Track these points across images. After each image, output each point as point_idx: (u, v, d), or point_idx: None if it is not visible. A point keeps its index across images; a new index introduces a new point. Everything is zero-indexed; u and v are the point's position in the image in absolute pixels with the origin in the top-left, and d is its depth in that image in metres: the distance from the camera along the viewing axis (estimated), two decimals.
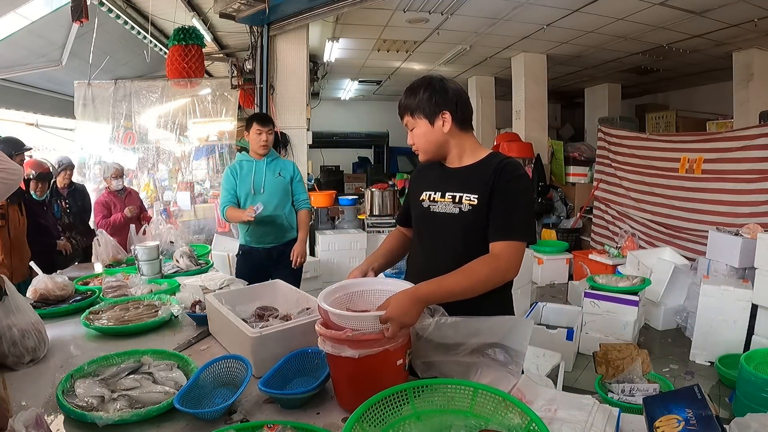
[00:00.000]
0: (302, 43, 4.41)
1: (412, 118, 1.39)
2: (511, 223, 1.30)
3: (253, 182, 2.87)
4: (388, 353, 1.12)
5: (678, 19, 4.87)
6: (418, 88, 1.37)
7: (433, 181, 1.47)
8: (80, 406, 1.15)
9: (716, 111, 7.34)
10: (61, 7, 3.47)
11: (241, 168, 2.91)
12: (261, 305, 1.74)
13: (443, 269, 1.27)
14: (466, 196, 1.36)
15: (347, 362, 1.10)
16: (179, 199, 5.16)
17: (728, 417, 2.57)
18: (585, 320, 3.62)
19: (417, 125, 1.39)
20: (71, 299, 2.03)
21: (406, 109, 1.40)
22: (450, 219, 1.38)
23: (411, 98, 1.38)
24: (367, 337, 1.11)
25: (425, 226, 1.47)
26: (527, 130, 6.83)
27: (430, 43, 5.93)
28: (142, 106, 4.72)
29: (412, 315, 1.13)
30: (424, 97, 1.36)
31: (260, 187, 2.86)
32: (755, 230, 3.37)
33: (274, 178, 2.90)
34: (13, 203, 2.88)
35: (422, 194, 1.47)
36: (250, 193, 2.85)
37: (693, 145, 4.85)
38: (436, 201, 1.42)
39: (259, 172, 2.88)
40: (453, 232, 1.39)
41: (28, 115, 5.51)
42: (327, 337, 1.14)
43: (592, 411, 1.11)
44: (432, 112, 1.36)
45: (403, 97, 1.41)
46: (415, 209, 1.51)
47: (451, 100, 1.37)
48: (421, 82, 1.39)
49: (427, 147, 1.41)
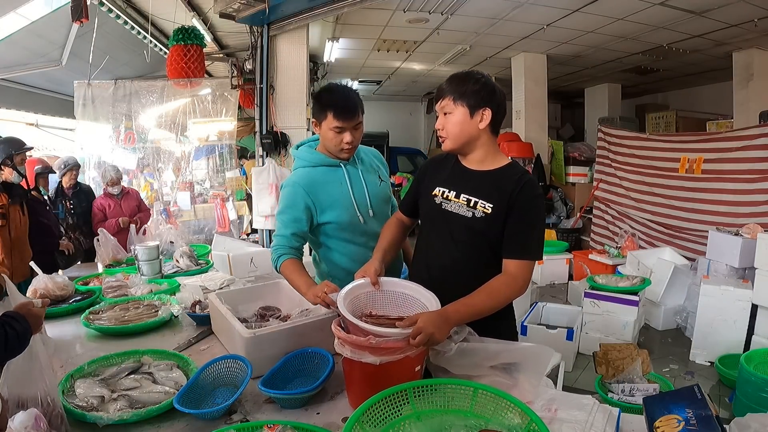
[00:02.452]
0: (302, 43, 4.41)
1: (453, 103, 1.37)
2: (530, 242, 1.34)
3: (354, 199, 1.71)
4: (408, 360, 1.12)
5: (678, 19, 4.87)
6: (469, 78, 1.37)
7: (448, 178, 1.45)
8: (80, 406, 1.15)
9: (716, 111, 7.34)
10: (61, 7, 3.46)
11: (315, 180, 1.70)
12: (264, 305, 1.74)
13: (448, 266, 1.33)
14: (482, 202, 1.36)
15: (365, 365, 1.09)
16: (179, 199, 5.16)
17: (728, 417, 2.57)
18: (585, 320, 3.62)
19: (455, 111, 1.37)
20: (71, 299, 2.03)
21: (449, 93, 1.38)
22: (461, 221, 1.38)
23: (459, 84, 1.37)
24: (390, 345, 1.10)
25: (435, 222, 1.46)
26: (527, 130, 6.83)
27: (430, 43, 5.93)
28: (142, 106, 4.72)
29: (442, 332, 1.16)
30: (473, 88, 1.35)
31: (367, 208, 1.74)
32: (755, 230, 3.37)
33: (378, 188, 1.80)
34: (15, 203, 2.88)
35: (435, 189, 1.46)
36: (351, 221, 1.71)
37: (693, 145, 4.85)
38: (450, 200, 1.41)
39: (357, 180, 1.75)
40: (460, 234, 1.39)
41: (28, 115, 5.51)
42: (347, 342, 1.12)
43: (592, 411, 1.11)
44: (476, 104, 1.35)
45: (447, 81, 1.40)
46: (425, 202, 1.50)
47: (496, 101, 1.37)
48: (472, 74, 1.39)
49: (457, 136, 1.39)
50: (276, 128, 4.28)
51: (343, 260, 1.74)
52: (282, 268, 1.63)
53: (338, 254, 1.75)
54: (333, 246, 1.75)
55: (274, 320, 1.58)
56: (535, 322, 3.39)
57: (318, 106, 1.64)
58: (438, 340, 1.14)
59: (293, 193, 1.67)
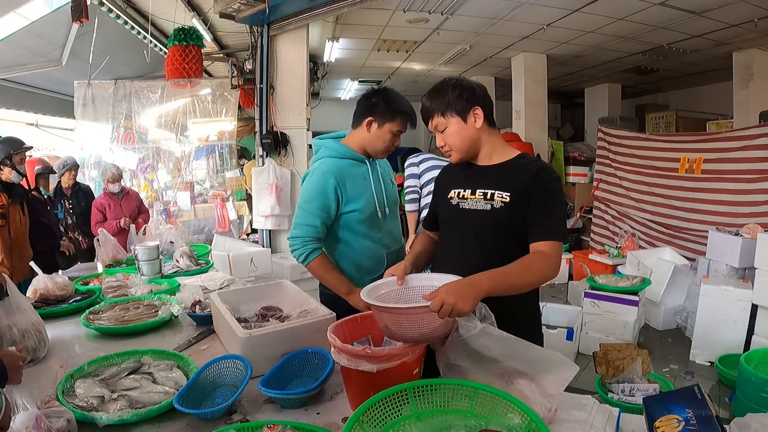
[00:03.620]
0: (302, 43, 4.41)
1: (444, 118, 1.38)
2: (554, 224, 1.32)
3: (375, 194, 1.78)
4: (405, 365, 1.11)
5: (678, 19, 4.87)
6: (446, 88, 1.37)
7: (462, 180, 1.46)
8: (80, 406, 1.15)
9: (716, 111, 7.34)
10: (61, 7, 3.46)
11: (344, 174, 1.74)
12: (266, 305, 1.74)
13: (472, 265, 1.24)
14: (498, 193, 1.36)
15: (363, 371, 1.09)
16: (179, 199, 5.16)
17: (728, 417, 2.57)
18: (585, 320, 3.62)
19: (449, 124, 1.38)
20: (71, 299, 2.03)
21: (434, 110, 1.38)
22: (481, 215, 1.38)
23: (440, 98, 1.37)
24: (386, 353, 1.09)
25: (455, 222, 1.45)
26: (527, 130, 6.82)
27: (430, 43, 5.93)
28: (142, 106, 4.73)
29: (468, 301, 1.07)
30: (454, 96, 1.35)
31: (384, 204, 1.82)
32: (755, 230, 3.37)
33: (391, 189, 1.92)
34: (15, 203, 2.87)
35: (450, 192, 1.46)
36: (372, 214, 1.77)
37: (693, 145, 4.85)
38: (466, 198, 1.41)
39: (377, 178, 1.83)
40: (483, 228, 1.38)
41: (28, 115, 5.51)
42: (343, 351, 1.12)
43: (592, 411, 1.11)
44: (464, 109, 1.36)
45: (428, 100, 1.40)
46: (443, 209, 1.50)
47: (480, 97, 1.37)
48: (446, 82, 1.39)
49: (461, 145, 1.39)
50: (276, 128, 4.28)
51: (356, 256, 1.77)
52: (315, 264, 1.65)
53: (352, 250, 1.77)
54: (350, 240, 1.77)
55: (274, 320, 1.57)
56: None
57: (388, 108, 1.71)
58: (462, 310, 1.05)
59: (324, 181, 1.68)
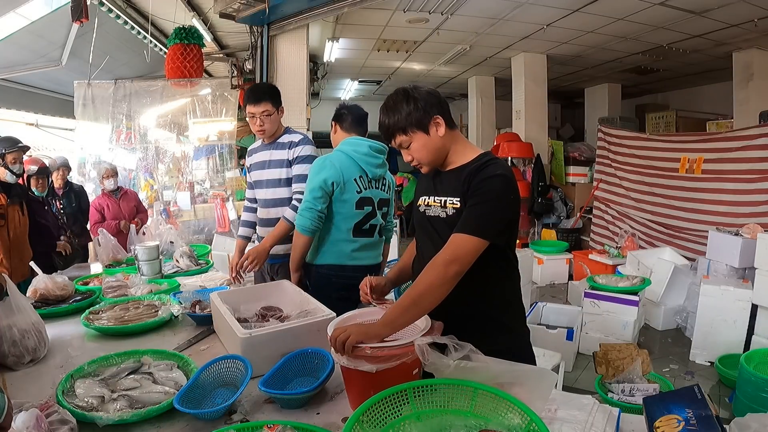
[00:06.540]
0: (302, 43, 4.41)
1: (406, 135, 1.34)
2: (473, 217, 1.26)
3: None
4: (405, 365, 1.11)
5: (678, 19, 4.87)
6: (399, 103, 1.33)
7: (427, 186, 1.46)
8: (80, 406, 1.15)
9: (716, 111, 7.35)
10: (61, 7, 3.46)
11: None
12: (266, 305, 1.74)
13: None
14: (450, 199, 1.35)
15: (363, 372, 1.09)
16: (179, 199, 5.16)
17: (728, 417, 2.57)
18: (585, 320, 3.62)
19: (413, 140, 1.34)
20: (71, 299, 2.03)
21: (395, 128, 1.34)
22: (440, 222, 1.38)
23: (396, 115, 1.33)
24: (386, 353, 1.10)
25: (423, 229, 1.47)
26: (527, 130, 6.83)
27: (430, 43, 5.93)
28: (142, 106, 4.72)
29: (360, 332, 1.14)
30: (409, 109, 1.31)
31: None
32: (755, 230, 3.37)
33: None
34: (14, 203, 2.85)
35: (419, 199, 1.48)
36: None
37: (693, 145, 4.85)
38: (430, 205, 1.42)
39: None
40: (443, 235, 1.36)
41: (28, 115, 5.51)
42: None
43: (592, 411, 1.11)
44: (423, 121, 1.32)
45: (385, 118, 1.36)
46: (415, 216, 1.52)
47: (435, 103, 1.34)
48: (397, 96, 1.35)
49: (429, 157, 1.37)
50: None
51: None
52: (307, 239, 1.99)
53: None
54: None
55: (274, 320, 1.58)
56: (535, 323, 3.38)
57: None
58: (354, 338, 1.11)
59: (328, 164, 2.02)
